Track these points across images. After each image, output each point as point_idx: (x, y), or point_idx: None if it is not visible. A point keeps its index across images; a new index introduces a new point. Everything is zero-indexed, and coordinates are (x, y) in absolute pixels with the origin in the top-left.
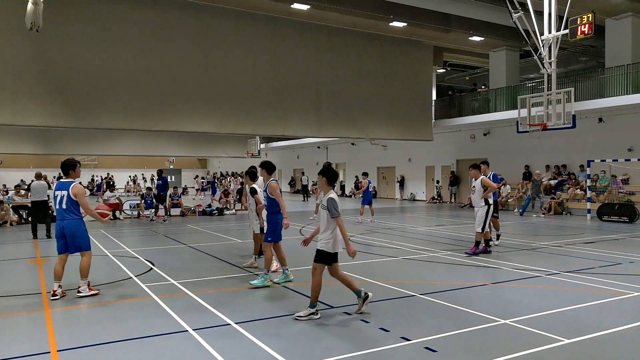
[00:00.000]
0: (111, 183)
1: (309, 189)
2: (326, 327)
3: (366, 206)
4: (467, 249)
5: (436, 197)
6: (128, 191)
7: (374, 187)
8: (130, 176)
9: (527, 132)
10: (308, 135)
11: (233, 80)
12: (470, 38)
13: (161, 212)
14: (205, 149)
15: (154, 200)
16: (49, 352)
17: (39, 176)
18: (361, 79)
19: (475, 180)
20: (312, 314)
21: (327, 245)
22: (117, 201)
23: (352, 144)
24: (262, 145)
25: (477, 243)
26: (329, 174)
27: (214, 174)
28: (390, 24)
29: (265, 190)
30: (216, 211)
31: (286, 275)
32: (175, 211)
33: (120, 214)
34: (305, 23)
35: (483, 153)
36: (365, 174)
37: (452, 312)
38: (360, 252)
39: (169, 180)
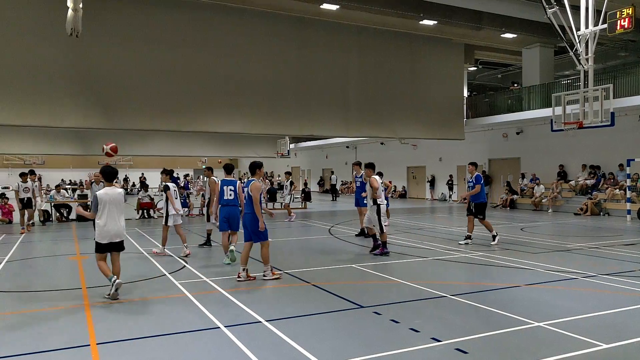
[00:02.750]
0: (145, 183)
1: (338, 188)
2: (356, 326)
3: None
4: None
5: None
6: (161, 191)
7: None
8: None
9: (562, 130)
10: (336, 135)
11: (262, 81)
12: (502, 35)
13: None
14: (236, 149)
15: (187, 200)
16: (89, 345)
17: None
18: (390, 78)
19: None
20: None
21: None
22: (149, 200)
23: (382, 143)
24: (292, 146)
25: (384, 243)
26: (105, 174)
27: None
28: (420, 22)
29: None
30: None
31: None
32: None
33: (154, 212)
34: (333, 23)
35: (516, 152)
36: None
37: (483, 313)
38: (391, 252)
39: (201, 180)
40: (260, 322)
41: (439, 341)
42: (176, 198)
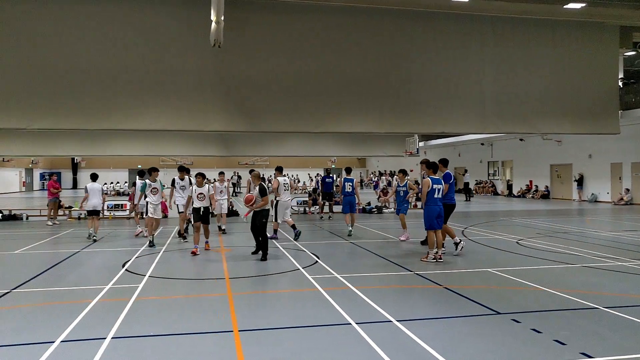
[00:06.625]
0: None
1: (472, 187)
2: (493, 333)
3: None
4: None
5: (624, 196)
6: (295, 189)
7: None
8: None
9: None
10: (471, 131)
11: (390, 80)
12: None
13: (325, 208)
14: (364, 149)
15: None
16: (232, 331)
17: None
18: (530, 69)
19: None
20: None
21: None
22: None
23: (521, 139)
24: (421, 144)
25: (275, 231)
26: None
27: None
28: (565, 6)
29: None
30: (375, 209)
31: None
32: (337, 208)
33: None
34: (466, 15)
35: None
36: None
37: None
38: (531, 257)
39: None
40: (390, 321)
41: (590, 357)
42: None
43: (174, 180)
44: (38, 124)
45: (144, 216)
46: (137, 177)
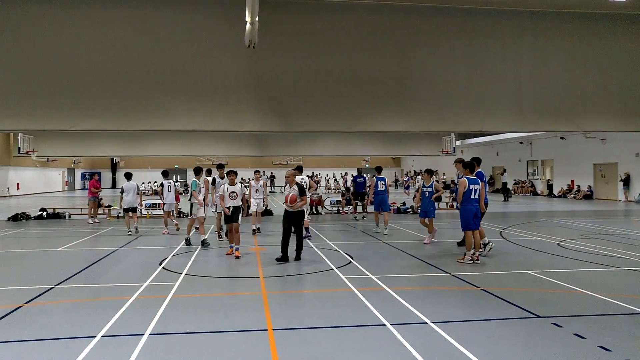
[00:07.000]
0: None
1: (510, 187)
2: (532, 337)
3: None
4: None
5: None
6: (328, 189)
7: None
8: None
9: None
10: (509, 130)
11: (428, 77)
12: None
13: (358, 208)
14: (399, 148)
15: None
16: (266, 330)
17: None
18: (572, 65)
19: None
20: None
21: None
22: (317, 198)
23: (562, 137)
24: (458, 142)
25: (306, 229)
26: None
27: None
28: None
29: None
30: (410, 209)
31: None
32: (370, 208)
33: (322, 209)
34: (502, 11)
35: None
36: (429, 172)
37: None
38: (573, 259)
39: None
40: (426, 323)
41: None
42: None
43: (214, 179)
44: (81, 125)
45: (178, 216)
46: (162, 176)
